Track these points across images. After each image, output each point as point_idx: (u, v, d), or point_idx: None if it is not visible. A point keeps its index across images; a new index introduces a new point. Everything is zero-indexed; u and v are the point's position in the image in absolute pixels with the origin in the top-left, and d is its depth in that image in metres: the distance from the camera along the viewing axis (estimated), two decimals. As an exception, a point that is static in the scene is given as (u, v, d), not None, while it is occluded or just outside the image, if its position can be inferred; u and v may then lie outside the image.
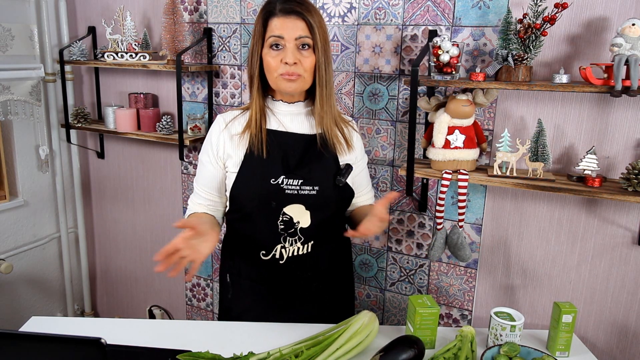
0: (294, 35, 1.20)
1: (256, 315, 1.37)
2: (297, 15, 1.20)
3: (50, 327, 1.29)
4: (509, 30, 1.46)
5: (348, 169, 1.31)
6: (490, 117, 1.67)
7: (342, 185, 1.30)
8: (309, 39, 1.21)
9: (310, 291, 1.38)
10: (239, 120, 1.33)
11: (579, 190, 1.42)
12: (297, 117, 1.32)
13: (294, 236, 1.30)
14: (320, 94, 1.26)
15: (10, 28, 2.12)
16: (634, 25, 1.30)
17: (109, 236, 2.60)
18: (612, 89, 1.30)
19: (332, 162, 1.31)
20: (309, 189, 1.27)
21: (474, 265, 1.80)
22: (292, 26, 1.20)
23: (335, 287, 1.44)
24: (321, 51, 1.22)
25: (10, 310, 2.33)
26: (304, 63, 1.22)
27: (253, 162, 1.28)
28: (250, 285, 1.37)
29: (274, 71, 1.22)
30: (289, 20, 1.20)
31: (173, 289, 2.46)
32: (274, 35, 1.20)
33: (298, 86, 1.24)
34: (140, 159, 2.38)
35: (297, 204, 1.27)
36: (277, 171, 1.26)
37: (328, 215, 1.32)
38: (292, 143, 1.30)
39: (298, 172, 1.27)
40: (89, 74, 2.42)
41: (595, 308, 1.65)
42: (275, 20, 1.21)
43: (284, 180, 1.26)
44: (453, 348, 1.17)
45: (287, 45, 1.20)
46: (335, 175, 1.30)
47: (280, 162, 1.27)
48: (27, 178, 2.33)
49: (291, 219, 1.28)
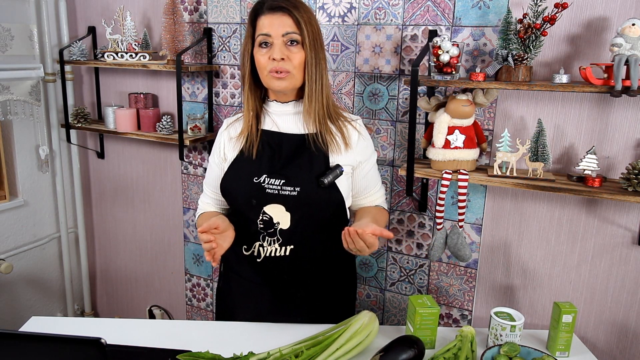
0: (280, 32, 1.20)
1: (246, 309, 1.39)
2: (283, 11, 1.20)
3: (50, 327, 1.30)
4: (509, 30, 1.46)
5: (335, 169, 1.26)
6: (490, 117, 1.67)
7: (324, 186, 1.25)
8: (296, 34, 1.20)
9: (289, 295, 1.36)
10: (239, 122, 1.36)
11: (579, 190, 1.42)
12: (290, 116, 1.32)
13: (272, 236, 1.29)
14: (309, 90, 1.24)
15: (10, 28, 2.12)
16: (634, 25, 1.30)
17: (109, 236, 2.60)
18: (612, 89, 1.30)
19: (321, 162, 1.28)
20: (290, 190, 1.25)
21: (474, 265, 1.80)
22: (278, 23, 1.20)
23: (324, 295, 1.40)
24: (310, 47, 1.21)
25: (10, 310, 2.33)
26: (292, 59, 1.21)
27: (242, 161, 1.30)
28: (236, 279, 1.40)
29: (263, 69, 1.23)
30: (275, 17, 1.20)
31: (173, 289, 2.46)
32: (262, 34, 1.21)
33: (288, 84, 1.23)
34: (140, 159, 2.38)
35: (277, 204, 1.26)
36: (261, 170, 1.27)
37: (310, 217, 1.28)
38: (282, 143, 1.30)
39: (281, 171, 1.27)
40: (89, 74, 2.42)
41: (595, 308, 1.65)
42: (263, 18, 1.21)
43: (266, 179, 1.26)
44: (453, 348, 1.17)
45: (274, 42, 1.20)
46: (319, 175, 1.26)
47: (267, 161, 1.28)
48: (27, 178, 2.32)
49: (271, 219, 1.27)
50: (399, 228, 1.89)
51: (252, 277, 1.36)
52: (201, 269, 2.34)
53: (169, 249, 2.42)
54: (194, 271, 2.36)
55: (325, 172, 1.26)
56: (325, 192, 1.26)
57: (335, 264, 1.41)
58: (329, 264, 1.38)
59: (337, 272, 1.44)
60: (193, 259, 2.35)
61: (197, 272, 2.36)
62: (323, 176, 1.25)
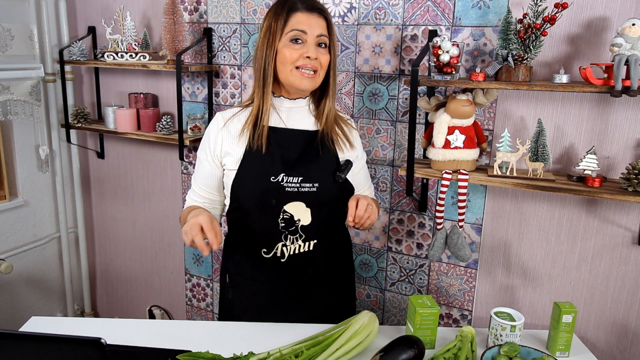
0: (316, 32, 1.23)
1: (256, 315, 1.36)
2: (319, 13, 1.25)
3: (50, 327, 1.29)
4: (509, 30, 1.46)
5: (348, 164, 1.32)
6: (490, 117, 1.67)
7: (341, 181, 1.30)
8: (326, 38, 1.25)
9: (311, 290, 1.37)
10: (238, 117, 1.33)
11: (579, 190, 1.42)
12: (297, 112, 1.33)
13: (295, 234, 1.29)
14: (332, 92, 1.31)
15: (10, 28, 2.12)
16: (634, 25, 1.30)
17: (109, 236, 2.61)
18: (612, 89, 1.30)
19: (331, 158, 1.32)
20: (309, 186, 1.27)
21: (474, 265, 1.80)
22: (315, 23, 1.23)
23: (335, 287, 1.44)
24: (333, 50, 1.28)
25: (10, 310, 2.33)
26: (321, 60, 1.25)
27: (252, 159, 1.27)
28: (251, 284, 1.37)
29: (290, 64, 1.23)
30: (312, 16, 1.23)
31: (173, 289, 2.46)
32: (297, 29, 1.22)
33: (313, 84, 1.27)
34: (140, 159, 2.38)
35: (297, 202, 1.27)
36: (276, 169, 1.26)
37: (328, 212, 1.32)
38: (291, 139, 1.30)
39: (297, 169, 1.27)
40: (89, 74, 2.42)
41: (595, 308, 1.65)
42: (299, 15, 1.23)
43: (284, 178, 1.26)
44: (453, 348, 1.17)
45: (308, 41, 1.23)
46: (335, 171, 1.30)
47: (279, 159, 1.27)
48: (27, 178, 2.33)
49: (292, 217, 1.28)
50: (399, 228, 1.89)
51: (274, 279, 1.34)
52: (201, 269, 2.34)
53: (169, 249, 2.42)
54: (194, 271, 2.36)
55: (340, 168, 1.31)
56: (340, 186, 1.32)
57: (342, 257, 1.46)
58: (339, 256, 1.44)
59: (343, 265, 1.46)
60: (193, 259, 2.35)
61: (197, 272, 2.36)
62: (339, 172, 1.30)
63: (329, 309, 1.41)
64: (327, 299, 1.41)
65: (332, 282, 1.42)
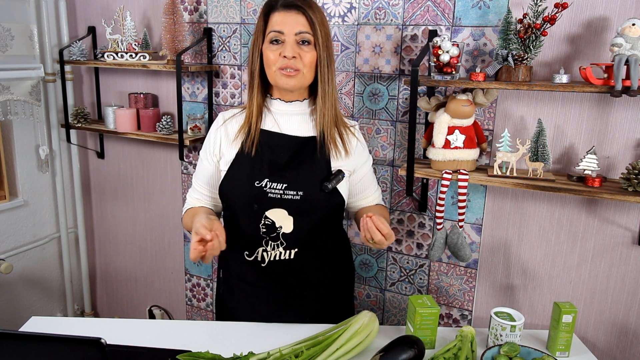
0: (293, 30, 1.19)
1: (249, 314, 1.36)
2: (297, 10, 1.20)
3: (50, 327, 1.29)
4: (509, 30, 1.46)
5: (337, 175, 1.27)
6: (490, 117, 1.67)
7: (328, 191, 1.26)
8: (309, 34, 1.20)
9: (296, 295, 1.35)
10: (236, 118, 1.33)
11: (579, 190, 1.42)
12: (293, 117, 1.31)
13: (276, 240, 1.27)
14: (322, 90, 1.25)
15: (10, 28, 2.12)
16: (634, 25, 1.30)
17: (109, 236, 2.60)
18: (612, 89, 1.30)
19: (323, 166, 1.28)
20: (293, 194, 1.24)
21: (474, 265, 1.80)
22: (292, 21, 1.19)
23: (325, 293, 1.40)
24: (322, 47, 1.21)
25: (10, 310, 2.33)
26: (303, 58, 1.21)
27: (242, 162, 1.27)
28: (238, 284, 1.37)
29: (272, 65, 1.21)
30: (289, 15, 1.20)
31: (173, 289, 2.46)
32: (274, 30, 1.20)
33: (297, 82, 1.23)
34: (140, 159, 2.38)
35: (279, 209, 1.25)
36: (262, 173, 1.25)
37: (314, 221, 1.28)
38: (284, 144, 1.28)
39: (284, 175, 1.25)
40: (89, 74, 2.42)
41: (595, 308, 1.65)
42: (276, 15, 1.21)
43: (268, 184, 1.24)
44: (453, 348, 1.17)
45: (286, 40, 1.20)
46: (323, 180, 1.26)
47: (267, 164, 1.26)
48: (27, 178, 2.32)
49: (273, 223, 1.26)
50: (399, 228, 1.89)
51: (257, 282, 1.33)
52: (201, 269, 2.34)
53: (169, 249, 2.42)
54: (194, 271, 2.36)
55: (329, 178, 1.26)
56: (326, 196, 1.27)
57: (336, 262, 1.42)
58: (331, 262, 1.39)
59: (338, 270, 1.44)
60: (193, 259, 2.35)
61: (197, 272, 2.36)
62: (327, 181, 1.25)
63: (318, 313, 1.37)
64: (317, 302, 1.38)
65: (320, 288, 1.38)
